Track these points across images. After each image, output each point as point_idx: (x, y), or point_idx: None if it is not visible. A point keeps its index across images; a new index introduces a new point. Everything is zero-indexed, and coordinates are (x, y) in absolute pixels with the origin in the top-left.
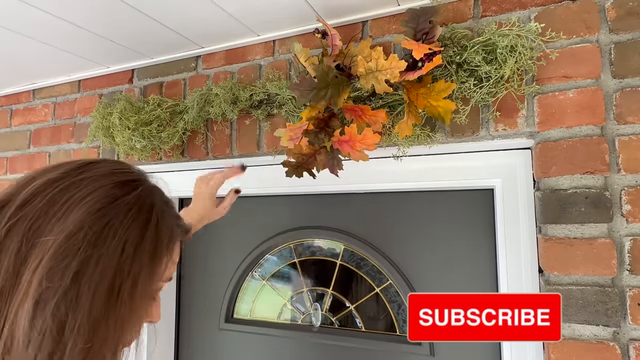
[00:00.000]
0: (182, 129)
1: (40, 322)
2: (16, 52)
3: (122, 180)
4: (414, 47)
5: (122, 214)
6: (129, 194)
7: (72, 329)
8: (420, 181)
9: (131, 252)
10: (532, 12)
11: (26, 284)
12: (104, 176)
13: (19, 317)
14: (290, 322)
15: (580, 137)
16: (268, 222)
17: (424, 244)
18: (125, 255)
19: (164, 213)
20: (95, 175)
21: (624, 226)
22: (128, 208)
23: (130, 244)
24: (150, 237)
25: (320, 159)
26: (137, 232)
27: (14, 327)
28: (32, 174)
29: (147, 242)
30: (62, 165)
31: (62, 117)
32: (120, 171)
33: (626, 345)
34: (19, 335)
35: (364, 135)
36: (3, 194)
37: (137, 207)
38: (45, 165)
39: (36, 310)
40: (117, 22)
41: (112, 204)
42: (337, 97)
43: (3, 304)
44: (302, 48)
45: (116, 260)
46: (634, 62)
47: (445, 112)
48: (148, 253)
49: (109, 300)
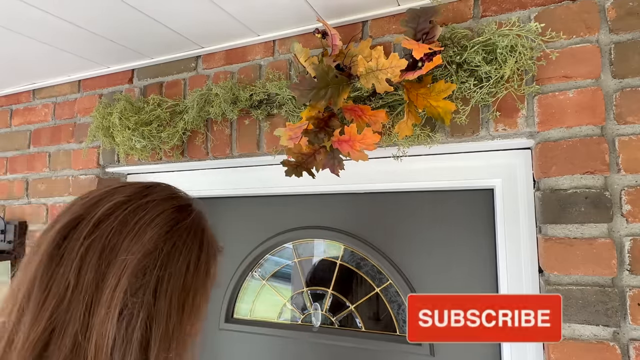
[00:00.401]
0: (182, 129)
1: (125, 332)
2: (16, 52)
3: (180, 205)
4: (414, 46)
5: (184, 236)
6: (187, 218)
7: (156, 339)
8: (420, 181)
9: (193, 270)
10: (532, 12)
11: (109, 298)
12: (165, 200)
13: (104, 328)
14: (290, 322)
15: (580, 137)
16: (268, 222)
17: (424, 244)
18: (188, 273)
19: (211, 235)
20: (158, 199)
21: (624, 226)
22: (188, 231)
23: (192, 263)
24: (204, 256)
25: (319, 158)
26: (196, 253)
27: (100, 337)
28: (94, 194)
29: (203, 260)
30: (123, 188)
31: (62, 117)
32: (176, 196)
33: (626, 345)
34: (105, 345)
35: (363, 135)
36: (73, 212)
37: (194, 231)
38: (107, 186)
39: (121, 322)
40: (117, 22)
41: (176, 226)
42: (337, 97)
43: (89, 317)
44: (302, 48)
45: (183, 278)
46: (634, 62)
47: (445, 113)
48: (204, 269)
49: (180, 311)
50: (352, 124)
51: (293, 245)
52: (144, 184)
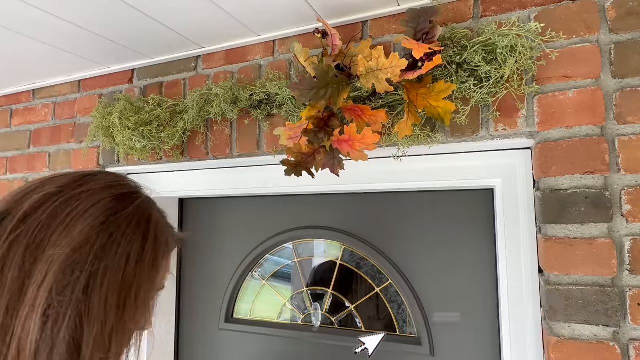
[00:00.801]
0: (182, 129)
1: (50, 333)
2: (16, 52)
3: (120, 194)
4: (414, 46)
5: (123, 227)
6: (128, 207)
7: (88, 340)
8: (420, 181)
9: (134, 264)
10: (532, 12)
11: (33, 297)
12: (102, 189)
13: (27, 329)
14: (290, 322)
15: (580, 137)
16: (268, 222)
17: (424, 244)
18: (129, 266)
19: (160, 225)
20: (94, 188)
21: (624, 226)
22: (128, 221)
23: (133, 255)
24: (150, 248)
25: (319, 158)
26: (139, 244)
27: (21, 341)
28: (26, 187)
29: (148, 253)
30: (57, 178)
31: (62, 117)
32: (118, 184)
33: (626, 345)
34: (27, 348)
35: (363, 135)
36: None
37: (136, 220)
38: (39, 179)
39: (46, 323)
40: (117, 22)
41: (114, 216)
42: (336, 97)
43: (9, 318)
44: (302, 48)
45: (122, 272)
46: (634, 62)
47: (445, 113)
48: (148, 263)
49: (118, 309)
50: (351, 124)
51: (293, 245)
52: (82, 173)
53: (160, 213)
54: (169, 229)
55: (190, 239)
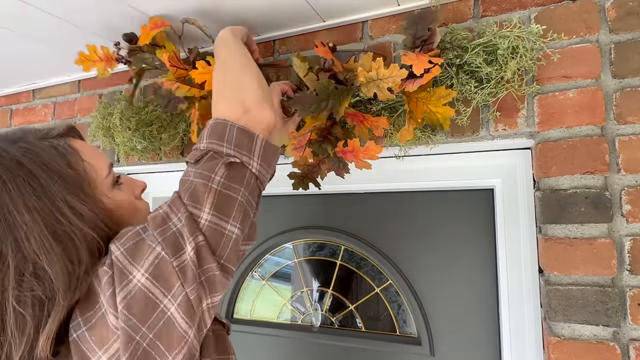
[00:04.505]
0: (182, 130)
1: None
2: (16, 52)
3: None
4: (414, 62)
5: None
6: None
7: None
8: (420, 181)
9: (37, 193)
10: (532, 12)
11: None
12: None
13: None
14: (290, 322)
15: (580, 137)
16: (268, 222)
17: (424, 244)
18: (31, 202)
19: (24, 145)
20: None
21: (624, 226)
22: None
23: (28, 192)
24: (36, 169)
25: (324, 167)
26: (22, 178)
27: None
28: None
29: (39, 173)
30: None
31: (62, 117)
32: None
33: (626, 345)
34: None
35: (366, 147)
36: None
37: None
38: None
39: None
40: (117, 22)
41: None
42: (338, 106)
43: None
44: (301, 63)
45: (28, 213)
46: (634, 62)
47: (444, 119)
48: (53, 177)
49: (60, 242)
50: (355, 139)
51: (293, 245)
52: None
53: (9, 139)
54: (38, 136)
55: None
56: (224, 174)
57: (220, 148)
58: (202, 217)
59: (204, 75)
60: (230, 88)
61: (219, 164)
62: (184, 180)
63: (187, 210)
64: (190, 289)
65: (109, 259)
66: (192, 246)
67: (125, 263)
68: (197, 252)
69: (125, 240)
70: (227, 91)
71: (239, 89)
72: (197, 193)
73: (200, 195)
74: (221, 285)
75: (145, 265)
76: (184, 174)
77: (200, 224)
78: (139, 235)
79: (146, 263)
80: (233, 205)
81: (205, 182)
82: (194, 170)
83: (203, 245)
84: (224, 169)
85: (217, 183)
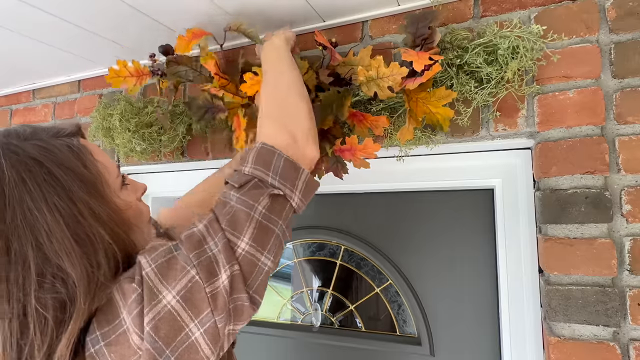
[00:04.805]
0: (182, 133)
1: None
2: (16, 52)
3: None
4: (414, 58)
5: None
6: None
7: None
8: (420, 181)
9: (58, 193)
10: (532, 12)
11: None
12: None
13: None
14: (290, 322)
15: (580, 137)
16: None
17: (424, 244)
18: (52, 202)
19: (39, 143)
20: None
21: (624, 226)
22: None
23: (50, 201)
24: (55, 169)
25: (323, 166)
26: (54, 191)
27: None
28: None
29: (58, 172)
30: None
31: (62, 117)
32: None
33: (626, 345)
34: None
35: (364, 145)
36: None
37: (9, 174)
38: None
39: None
40: (117, 22)
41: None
42: (342, 108)
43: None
44: (301, 62)
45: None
46: (634, 62)
47: (444, 120)
48: (72, 177)
49: (80, 244)
50: (352, 136)
51: (293, 245)
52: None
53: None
54: (45, 138)
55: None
56: (267, 205)
57: (266, 177)
58: (240, 246)
59: (253, 87)
60: (279, 110)
61: (264, 195)
62: (224, 203)
63: (225, 237)
64: (220, 317)
65: (138, 274)
66: (227, 274)
67: (156, 282)
68: (231, 280)
69: (157, 255)
70: (275, 112)
71: (288, 115)
72: (238, 220)
73: (241, 223)
74: (247, 315)
75: (178, 288)
76: (223, 195)
77: (237, 253)
78: (171, 252)
79: (178, 285)
80: (270, 237)
81: (248, 211)
82: (238, 196)
83: (237, 274)
84: (267, 200)
85: (259, 213)
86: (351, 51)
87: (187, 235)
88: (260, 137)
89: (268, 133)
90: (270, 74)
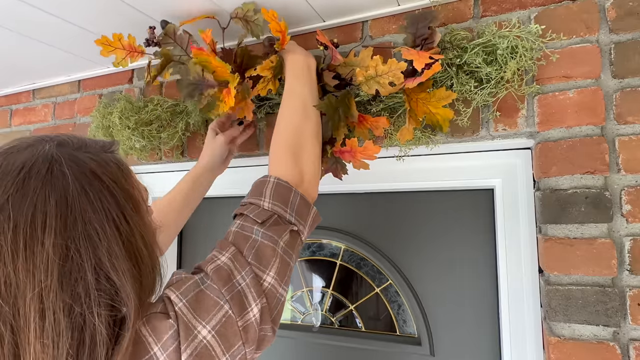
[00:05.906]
0: (181, 130)
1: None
2: (16, 52)
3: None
4: (415, 57)
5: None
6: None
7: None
8: (420, 181)
9: (116, 210)
10: (532, 12)
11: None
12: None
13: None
14: (290, 322)
15: (580, 137)
16: None
17: (424, 244)
18: (112, 217)
19: (94, 156)
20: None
21: (624, 226)
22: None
23: (107, 221)
24: (112, 185)
25: (323, 167)
26: (110, 209)
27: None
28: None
29: (115, 189)
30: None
31: (62, 117)
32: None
33: (626, 345)
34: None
35: (364, 147)
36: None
37: (48, 188)
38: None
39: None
40: (117, 22)
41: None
42: (348, 110)
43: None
44: None
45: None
46: (634, 62)
47: (444, 121)
48: (124, 195)
49: (133, 265)
50: (353, 138)
51: None
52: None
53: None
54: (84, 155)
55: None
56: (287, 240)
57: (284, 213)
58: (266, 280)
59: (265, 71)
60: (299, 147)
61: (286, 231)
62: (246, 237)
63: (252, 271)
64: (250, 349)
65: (172, 310)
66: (258, 308)
67: (190, 317)
68: (261, 313)
69: (186, 290)
70: (294, 148)
71: (305, 154)
72: (265, 255)
73: (268, 258)
74: (268, 343)
75: (213, 323)
76: (244, 228)
77: (263, 286)
78: (198, 286)
79: (213, 320)
80: (287, 270)
81: (273, 247)
82: (262, 231)
83: (265, 307)
84: (288, 236)
85: (281, 248)
86: (352, 52)
87: (214, 269)
88: (274, 168)
89: (282, 168)
90: (298, 99)
